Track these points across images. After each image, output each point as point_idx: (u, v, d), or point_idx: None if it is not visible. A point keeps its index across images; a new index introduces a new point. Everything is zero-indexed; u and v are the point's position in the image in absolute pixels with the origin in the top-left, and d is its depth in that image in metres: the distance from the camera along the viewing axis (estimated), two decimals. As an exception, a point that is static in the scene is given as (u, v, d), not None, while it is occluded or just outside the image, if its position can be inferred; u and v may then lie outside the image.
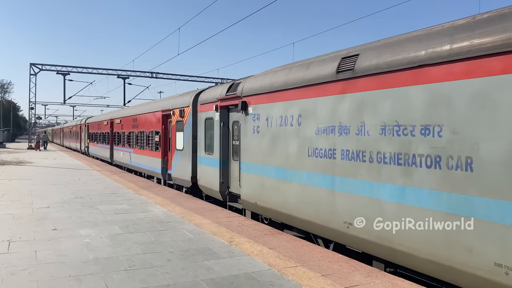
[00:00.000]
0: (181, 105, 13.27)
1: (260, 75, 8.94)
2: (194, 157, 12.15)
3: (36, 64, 38.08)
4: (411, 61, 5.12)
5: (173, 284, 4.77)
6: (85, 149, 34.45)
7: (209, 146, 11.08)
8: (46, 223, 7.84)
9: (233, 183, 10.02)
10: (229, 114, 10.17)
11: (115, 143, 23.90)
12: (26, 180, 14.73)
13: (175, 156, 13.71)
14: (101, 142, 28.06)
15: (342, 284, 4.80)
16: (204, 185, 11.52)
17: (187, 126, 12.69)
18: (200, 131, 11.73)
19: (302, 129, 7.07)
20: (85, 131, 35.29)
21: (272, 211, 8.02)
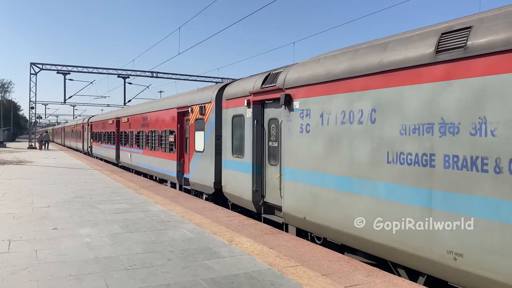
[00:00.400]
0: (201, 101, 11.76)
1: (308, 62, 7.47)
2: (218, 160, 10.70)
3: (37, 63, 38.09)
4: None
5: (173, 283, 4.77)
6: (88, 149, 33.14)
7: (238, 148, 9.61)
8: (46, 222, 7.84)
9: (270, 192, 8.59)
10: (264, 110, 8.77)
11: (121, 143, 22.40)
12: (27, 179, 14.73)
13: (194, 158, 12.18)
14: (105, 142, 26.57)
15: (343, 284, 4.80)
16: (230, 193, 10.02)
17: (209, 125, 11.21)
18: (226, 131, 10.21)
19: (378, 127, 5.56)
20: (88, 130, 33.90)
21: (329, 229, 6.48)
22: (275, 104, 8.20)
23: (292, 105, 7.47)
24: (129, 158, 20.59)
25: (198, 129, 11.94)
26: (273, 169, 8.44)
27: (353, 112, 6.00)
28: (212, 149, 10.97)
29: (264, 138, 8.74)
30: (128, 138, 20.76)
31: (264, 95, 8.53)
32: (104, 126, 27.24)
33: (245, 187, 9.15)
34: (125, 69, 40.87)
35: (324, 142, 6.60)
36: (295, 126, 7.38)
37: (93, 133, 31.54)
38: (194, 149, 12.20)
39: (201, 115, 11.68)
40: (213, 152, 10.94)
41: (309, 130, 7.00)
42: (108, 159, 25.52)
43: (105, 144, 26.62)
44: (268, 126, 8.61)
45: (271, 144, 8.53)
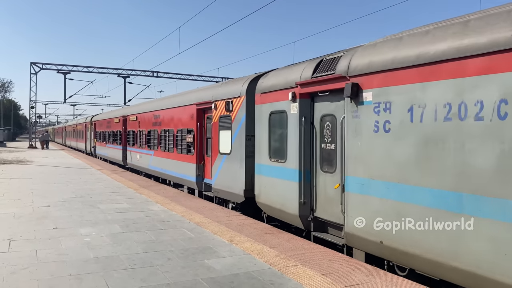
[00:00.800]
0: (228, 96, 10.26)
1: (384, 42, 5.96)
2: (249, 164, 9.29)
3: (37, 63, 38.07)
4: None
5: (173, 283, 4.77)
6: (91, 149, 31.54)
7: (278, 151, 8.11)
8: (46, 222, 7.84)
9: (323, 206, 7.03)
10: (314, 105, 7.29)
11: (128, 143, 20.75)
12: (27, 179, 14.74)
13: (218, 161, 10.65)
14: (111, 142, 24.91)
15: (343, 283, 4.80)
16: (267, 204, 8.45)
17: (238, 123, 9.73)
18: (261, 130, 8.69)
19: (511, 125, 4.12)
20: (91, 129, 32.23)
21: (421, 259, 4.99)
22: (331, 97, 6.80)
23: (361, 97, 5.94)
24: (137, 159, 19.07)
25: (223, 128, 10.43)
26: (328, 178, 6.87)
27: (465, 105, 4.52)
28: (242, 151, 9.51)
29: (314, 139, 7.25)
30: (137, 138, 19.19)
31: (316, 86, 7.03)
32: (109, 125, 25.69)
33: (288, 198, 7.60)
34: (125, 69, 40.86)
35: (414, 144, 5.10)
36: (366, 124, 5.85)
37: (96, 132, 29.96)
38: (218, 151, 10.69)
39: (227, 111, 10.18)
40: (243, 155, 9.48)
41: (389, 129, 5.48)
42: (114, 160, 24.08)
43: (111, 144, 25.02)
44: (321, 124, 7.12)
45: (325, 146, 7.02)
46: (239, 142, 9.66)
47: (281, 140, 8.05)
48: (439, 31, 5.08)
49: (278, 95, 8.13)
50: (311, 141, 7.33)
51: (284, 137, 7.89)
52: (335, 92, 6.59)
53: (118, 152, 22.80)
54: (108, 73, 40.35)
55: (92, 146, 31.33)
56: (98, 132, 29.25)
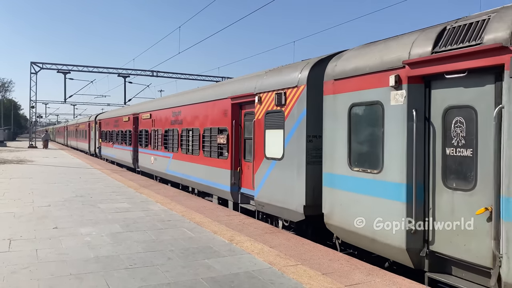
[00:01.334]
0: (279, 86, 8.26)
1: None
2: (311, 173, 7.37)
3: (37, 62, 38.06)
4: None
5: (173, 282, 4.78)
6: (96, 150, 29.54)
7: (366, 157, 6.11)
8: (47, 221, 7.85)
9: (450, 238, 5.01)
10: (431, 93, 5.32)
11: (140, 144, 18.60)
12: (27, 178, 14.74)
13: (264, 168, 8.63)
14: (119, 143, 22.68)
15: (343, 283, 4.80)
16: (344, 227, 6.32)
17: (294, 120, 7.79)
18: (334, 128, 6.63)
19: None
20: (95, 129, 30.01)
21: None
22: (466, 81, 4.88)
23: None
24: (152, 162, 16.89)
25: (271, 127, 8.55)
26: (459, 197, 4.91)
27: None
28: (301, 156, 7.53)
29: (432, 141, 5.29)
30: (151, 138, 16.99)
31: (441, 65, 5.10)
32: (117, 124, 23.48)
33: (385, 222, 5.60)
34: (125, 68, 40.85)
35: None
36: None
37: (102, 132, 27.91)
38: (263, 155, 8.68)
39: (278, 106, 8.27)
40: (302, 161, 7.50)
41: None
42: (123, 162, 21.91)
43: (119, 145, 22.75)
44: (444, 120, 5.14)
45: (453, 151, 5.05)
46: (296, 144, 7.68)
47: (372, 142, 5.97)
48: None
49: (365, 81, 6.07)
50: (424, 144, 5.36)
51: (378, 138, 5.83)
52: (477, 72, 4.72)
53: (127, 153, 20.80)
54: (108, 73, 40.35)
55: (97, 147, 29.30)
56: (104, 131, 27.30)
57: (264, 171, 8.66)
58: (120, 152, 22.39)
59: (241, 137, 9.95)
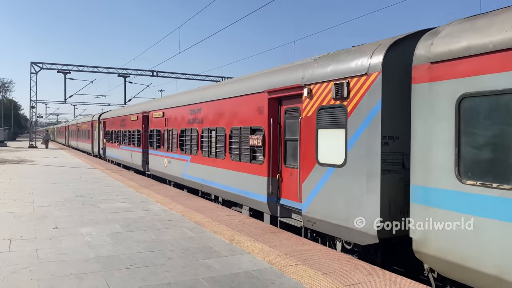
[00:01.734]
0: (339, 75, 6.75)
1: None
2: (388, 184, 5.84)
3: (37, 62, 38.05)
4: None
5: (174, 282, 4.78)
6: (100, 151, 27.88)
7: (487, 166, 4.59)
8: (47, 221, 7.85)
9: None
10: None
11: (151, 145, 16.99)
12: (27, 178, 14.74)
13: (315, 175, 7.09)
14: (126, 144, 20.99)
15: (343, 282, 4.80)
16: (449, 259, 4.83)
17: (362, 117, 6.20)
18: (430, 127, 5.16)
19: None
20: (99, 129, 28.39)
21: None
22: None
23: None
24: (164, 165, 15.11)
25: (326, 125, 7.01)
26: None
27: None
28: (373, 163, 5.96)
29: None
30: (164, 139, 15.24)
31: None
32: (123, 123, 21.74)
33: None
34: (125, 68, 40.84)
35: None
36: None
37: (107, 132, 26.05)
38: (314, 160, 7.10)
39: (336, 100, 6.73)
40: (375, 169, 5.93)
41: None
42: (130, 164, 20.27)
43: (126, 146, 20.99)
44: None
45: None
46: (366, 147, 6.09)
47: (502, 146, 4.45)
48: None
49: (488, 62, 4.59)
50: None
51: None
52: None
53: (136, 155, 18.94)
54: (108, 73, 40.35)
55: (101, 148, 27.49)
56: (109, 131, 25.46)
57: (316, 180, 7.05)
58: (127, 154, 20.54)
59: (281, 137, 8.45)
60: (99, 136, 28.41)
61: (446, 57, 4.99)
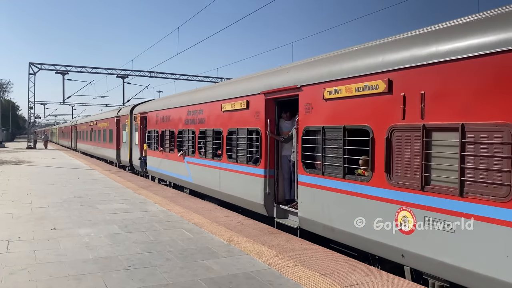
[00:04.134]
0: None
1: None
2: None
3: (35, 63, 38.02)
4: None
5: (172, 283, 4.78)
6: (137, 162, 18.18)
7: None
8: (45, 222, 7.84)
9: None
10: None
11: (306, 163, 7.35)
12: (25, 179, 14.72)
13: None
14: (203, 155, 11.37)
15: (341, 283, 4.81)
16: None
17: None
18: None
19: None
20: (131, 128, 19.23)
21: None
22: None
23: None
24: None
25: None
26: None
27: None
28: None
29: None
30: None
31: None
32: (193, 118, 12.20)
33: None
34: (124, 69, 40.87)
35: None
36: None
37: (150, 133, 16.26)
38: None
39: None
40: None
41: None
42: (224, 197, 10.37)
43: (203, 158, 11.38)
44: None
45: None
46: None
47: None
48: None
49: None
50: None
51: None
52: None
53: (242, 180, 9.37)
54: (107, 74, 40.37)
55: (140, 158, 17.75)
56: (153, 133, 15.85)
57: None
58: (208, 174, 11.03)
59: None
60: (132, 139, 19.00)
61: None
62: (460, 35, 4.73)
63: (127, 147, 20.23)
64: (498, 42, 4.25)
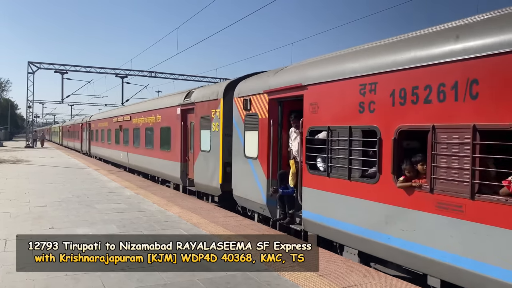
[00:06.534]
0: None
1: None
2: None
3: (34, 62, 37.94)
4: None
5: (170, 283, 4.78)
6: (267, 196, 7.97)
7: None
8: (43, 222, 7.82)
9: None
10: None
11: None
12: (24, 178, 14.69)
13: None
14: None
15: (339, 284, 4.82)
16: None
17: None
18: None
19: None
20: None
21: None
22: None
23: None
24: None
25: None
26: None
27: None
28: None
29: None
30: None
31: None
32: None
33: None
34: (123, 69, 40.79)
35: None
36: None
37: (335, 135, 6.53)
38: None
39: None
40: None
41: None
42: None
43: None
44: None
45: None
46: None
47: None
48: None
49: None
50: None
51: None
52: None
53: None
54: (106, 73, 40.27)
55: (273, 188, 7.84)
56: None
57: None
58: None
59: None
60: (236, 145, 9.39)
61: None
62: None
63: (212, 160, 10.70)
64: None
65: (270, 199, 7.94)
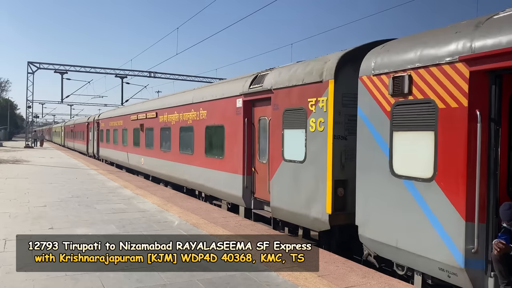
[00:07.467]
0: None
1: None
2: None
3: (34, 62, 37.89)
4: None
5: (169, 283, 4.78)
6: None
7: None
8: (42, 222, 7.83)
9: None
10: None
11: None
12: (23, 178, 14.69)
13: None
14: None
15: (338, 285, 4.82)
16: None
17: None
18: None
19: None
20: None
21: None
22: None
23: None
24: None
25: None
26: None
27: None
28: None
29: None
30: None
31: None
32: None
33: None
34: (122, 69, 40.74)
35: None
36: None
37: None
38: None
39: None
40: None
41: None
42: None
43: None
44: None
45: None
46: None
47: None
48: None
49: None
50: None
51: None
52: None
53: None
54: (106, 73, 40.21)
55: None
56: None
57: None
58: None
59: None
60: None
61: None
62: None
63: (309, 176, 7.11)
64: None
65: (473, 258, 4.41)
